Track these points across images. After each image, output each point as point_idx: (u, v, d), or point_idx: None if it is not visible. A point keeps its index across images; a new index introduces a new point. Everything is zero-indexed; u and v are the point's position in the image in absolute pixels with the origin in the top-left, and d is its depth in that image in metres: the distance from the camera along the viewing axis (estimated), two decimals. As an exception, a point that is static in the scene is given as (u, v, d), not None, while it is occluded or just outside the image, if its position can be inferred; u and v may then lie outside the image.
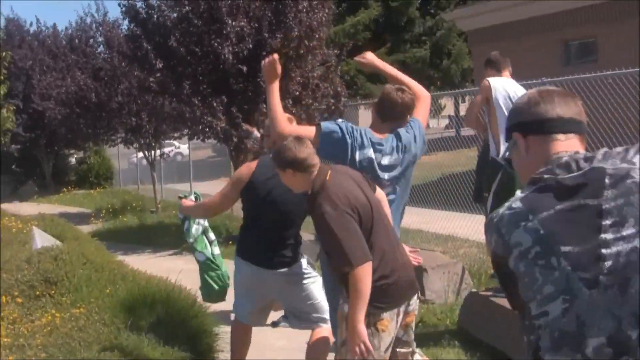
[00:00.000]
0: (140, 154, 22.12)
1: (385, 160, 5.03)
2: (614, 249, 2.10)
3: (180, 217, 6.44)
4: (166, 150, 24.29)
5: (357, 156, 4.95)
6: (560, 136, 2.38)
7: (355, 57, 5.58)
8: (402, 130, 5.14)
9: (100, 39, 26.25)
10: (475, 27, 23.01)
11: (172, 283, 7.33)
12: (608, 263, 2.09)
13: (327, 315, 5.50)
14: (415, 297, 4.56)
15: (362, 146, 4.97)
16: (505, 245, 2.23)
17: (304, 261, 5.72)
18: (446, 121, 46.18)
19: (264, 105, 12.94)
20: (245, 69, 13.04)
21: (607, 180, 2.19)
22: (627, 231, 2.11)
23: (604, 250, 2.10)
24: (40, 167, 32.20)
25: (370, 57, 5.54)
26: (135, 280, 7.19)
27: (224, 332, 6.51)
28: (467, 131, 27.36)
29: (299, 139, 4.51)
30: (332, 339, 5.53)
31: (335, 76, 14.17)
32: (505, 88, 6.85)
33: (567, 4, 19.17)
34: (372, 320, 4.29)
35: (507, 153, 2.57)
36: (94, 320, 5.88)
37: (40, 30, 31.84)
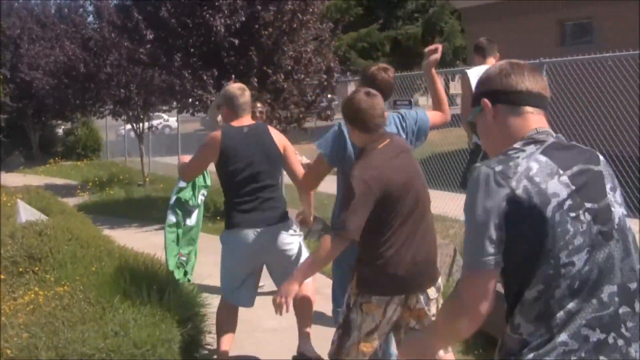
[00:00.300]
0: (129, 126, 21.86)
1: None
2: (616, 209, 2.51)
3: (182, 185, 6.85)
4: (154, 123, 24.02)
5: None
6: (529, 109, 2.62)
7: (428, 48, 5.37)
8: (407, 112, 5.23)
9: (90, 9, 25.89)
10: (469, 5, 22.82)
11: (160, 260, 7.14)
12: (616, 219, 2.48)
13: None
14: (425, 295, 4.42)
15: None
16: (542, 194, 2.39)
17: (291, 221, 5.97)
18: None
19: (256, 80, 12.76)
20: (237, 42, 12.79)
21: (600, 157, 2.60)
22: (617, 197, 2.55)
23: (612, 209, 2.49)
24: (27, 138, 31.86)
25: (438, 55, 5.33)
26: (122, 257, 6.95)
27: (213, 313, 6.33)
28: (456, 109, 27.51)
29: (369, 94, 4.47)
30: (313, 295, 6.03)
31: (329, 51, 13.95)
32: None
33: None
34: (360, 300, 4.35)
35: (471, 117, 2.76)
36: (78, 298, 5.65)
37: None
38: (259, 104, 8.19)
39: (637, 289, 2.46)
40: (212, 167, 6.11)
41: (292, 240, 5.90)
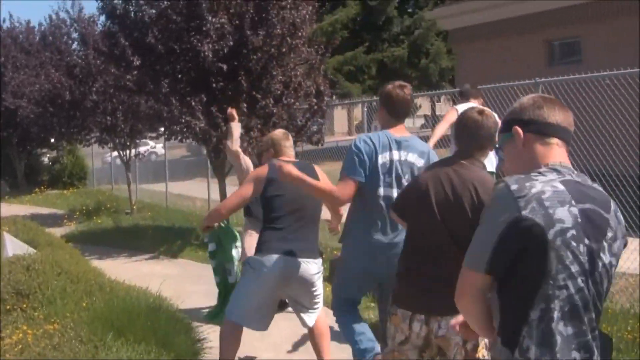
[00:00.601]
0: (115, 154, 21.62)
1: (412, 158, 5.14)
2: (605, 257, 2.66)
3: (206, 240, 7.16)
4: (141, 149, 23.78)
5: (380, 160, 5.08)
6: (556, 141, 2.83)
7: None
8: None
9: (75, 35, 25.61)
10: (456, 26, 22.80)
11: (153, 293, 6.90)
12: (600, 264, 2.64)
13: (321, 304, 6.14)
14: (444, 322, 4.22)
15: (383, 149, 5.08)
16: (548, 217, 2.57)
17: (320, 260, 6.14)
18: (422, 121, 46.17)
19: (245, 105, 12.57)
20: (225, 67, 12.59)
21: (612, 206, 2.73)
22: (614, 248, 2.69)
23: (601, 254, 2.65)
24: (12, 166, 31.51)
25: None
26: (114, 291, 6.72)
27: (209, 348, 6.09)
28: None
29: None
30: (327, 328, 6.27)
31: (319, 74, 13.77)
32: None
33: (550, 3, 18.95)
34: (390, 311, 4.43)
35: (500, 142, 3.09)
36: (69, 337, 5.41)
37: (14, 26, 31.11)
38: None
39: (596, 327, 2.66)
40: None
41: (320, 277, 6.05)
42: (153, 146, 38.88)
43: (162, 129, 14.53)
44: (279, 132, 6.37)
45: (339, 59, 33.94)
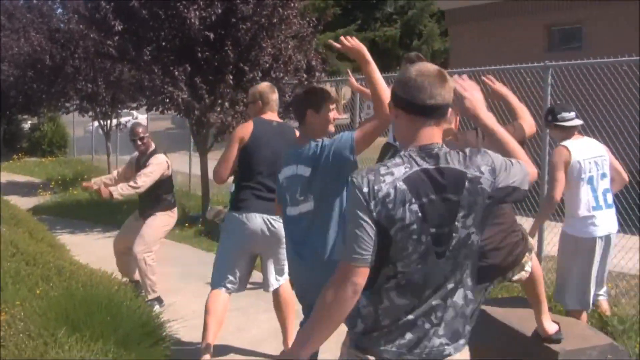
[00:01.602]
0: (96, 123, 20.90)
1: None
2: (459, 233, 2.91)
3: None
4: (123, 120, 23.01)
5: None
6: (425, 120, 2.95)
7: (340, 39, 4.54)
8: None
9: (57, -3, 24.73)
10: (453, 6, 22.18)
11: (118, 279, 6.22)
12: (454, 242, 2.91)
13: (285, 276, 6.19)
14: None
15: None
16: (390, 218, 2.82)
17: None
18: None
19: (231, 77, 11.91)
20: (212, 36, 11.91)
21: (466, 184, 2.90)
22: (469, 222, 2.92)
23: (454, 234, 2.90)
24: (-10, 132, 30.70)
25: (357, 43, 4.57)
26: (74, 276, 6.01)
27: (180, 350, 5.43)
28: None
29: None
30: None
31: (310, 49, 13.08)
32: None
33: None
34: None
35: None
36: (16, 330, 4.71)
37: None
38: (140, 129, 8.67)
39: (453, 288, 2.97)
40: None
41: None
42: (136, 117, 38.08)
43: (144, 99, 13.78)
44: (265, 85, 6.39)
45: (330, 35, 33.18)
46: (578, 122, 6.45)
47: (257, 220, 5.95)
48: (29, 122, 34.03)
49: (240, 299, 7.05)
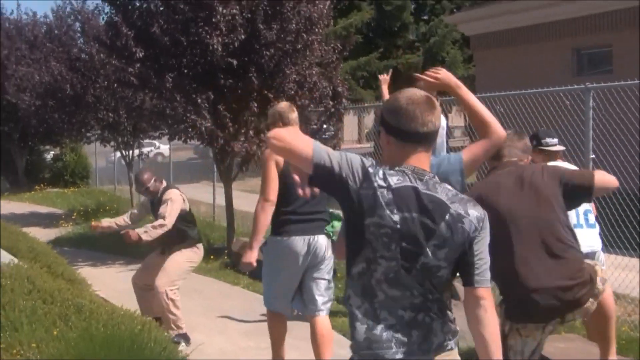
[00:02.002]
0: (119, 153, 20.72)
1: None
2: (428, 259, 3.01)
3: None
4: (145, 150, 22.82)
5: None
6: (414, 146, 3.09)
7: (424, 73, 4.21)
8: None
9: (77, 27, 24.64)
10: (478, 31, 21.97)
11: (142, 318, 5.87)
12: (420, 263, 3.00)
13: (328, 305, 6.39)
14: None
15: None
16: (370, 207, 2.97)
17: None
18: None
19: (255, 104, 11.65)
20: (235, 62, 11.63)
21: (447, 217, 3.01)
22: (440, 254, 3.01)
23: (422, 256, 3.00)
24: (12, 162, 30.55)
25: (444, 74, 4.17)
26: (94, 314, 5.66)
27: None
28: (455, 142, 26.69)
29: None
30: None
31: (336, 75, 12.79)
32: None
33: (580, 9, 18.10)
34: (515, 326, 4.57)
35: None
36: (31, 375, 4.38)
37: (21, 17, 30.10)
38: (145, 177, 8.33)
39: (423, 314, 3.04)
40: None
41: (329, 256, 6.35)
42: (158, 147, 37.97)
43: (166, 128, 13.51)
44: (284, 105, 6.51)
45: (352, 64, 33.24)
46: (560, 147, 6.79)
47: (298, 243, 6.14)
48: (52, 152, 33.93)
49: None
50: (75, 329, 5.23)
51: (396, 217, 2.94)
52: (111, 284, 10.47)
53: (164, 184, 8.28)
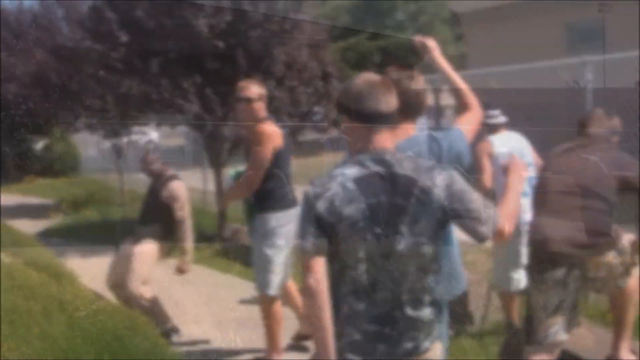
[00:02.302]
0: (108, 142, 20.50)
1: None
2: (406, 239, 3.02)
3: None
4: (135, 137, 22.61)
5: None
6: (377, 127, 3.15)
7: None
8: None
9: (60, 13, 24.35)
10: (468, 8, 21.89)
11: (130, 313, 5.62)
12: (400, 247, 3.02)
13: None
14: None
15: None
16: (337, 215, 2.99)
17: None
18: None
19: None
20: (221, 45, 11.37)
21: (415, 191, 3.02)
22: (417, 229, 3.03)
23: (400, 238, 3.01)
24: (0, 154, 30.31)
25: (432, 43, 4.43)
26: (78, 311, 5.39)
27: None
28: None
29: None
30: None
31: (325, 55, 12.56)
32: None
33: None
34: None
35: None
36: (10, 377, 4.12)
37: (5, 8, 29.75)
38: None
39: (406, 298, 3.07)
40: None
41: None
42: (147, 133, 37.92)
43: (152, 113, 13.28)
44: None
45: (342, 45, 33.04)
46: (502, 119, 7.07)
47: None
48: (40, 142, 33.71)
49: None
50: (58, 326, 4.97)
51: (362, 206, 2.99)
52: (100, 276, 10.23)
53: (170, 171, 8.08)
